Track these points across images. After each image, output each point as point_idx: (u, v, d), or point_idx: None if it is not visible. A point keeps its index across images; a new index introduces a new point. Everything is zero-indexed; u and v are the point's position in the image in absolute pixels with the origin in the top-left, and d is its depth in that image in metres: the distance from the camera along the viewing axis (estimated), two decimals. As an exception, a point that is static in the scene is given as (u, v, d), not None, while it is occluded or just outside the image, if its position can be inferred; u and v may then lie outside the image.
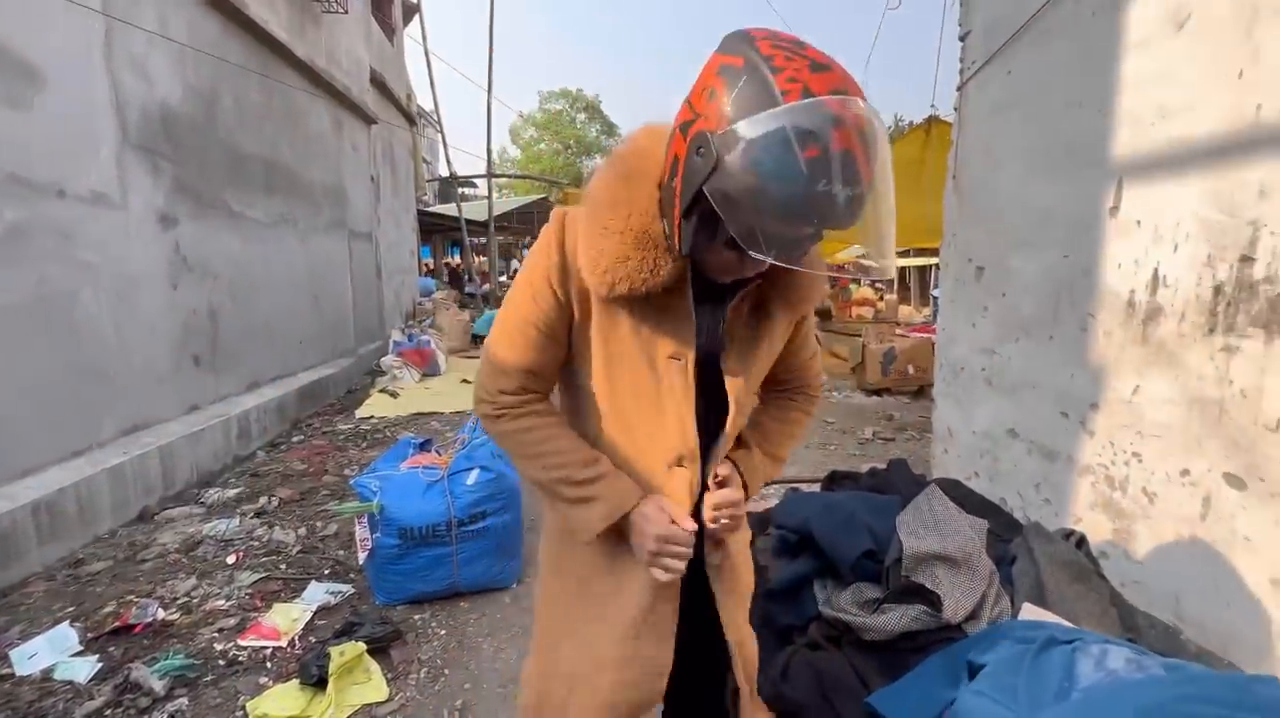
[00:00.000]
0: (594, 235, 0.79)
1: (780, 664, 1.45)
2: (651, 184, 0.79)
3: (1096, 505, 1.76)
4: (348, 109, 6.90)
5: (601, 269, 0.78)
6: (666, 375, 0.83)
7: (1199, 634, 1.47)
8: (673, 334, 0.83)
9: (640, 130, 0.84)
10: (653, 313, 0.82)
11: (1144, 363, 1.61)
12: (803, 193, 0.62)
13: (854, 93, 0.66)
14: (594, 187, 0.83)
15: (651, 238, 0.77)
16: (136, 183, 3.53)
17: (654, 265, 0.77)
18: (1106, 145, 1.70)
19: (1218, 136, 1.41)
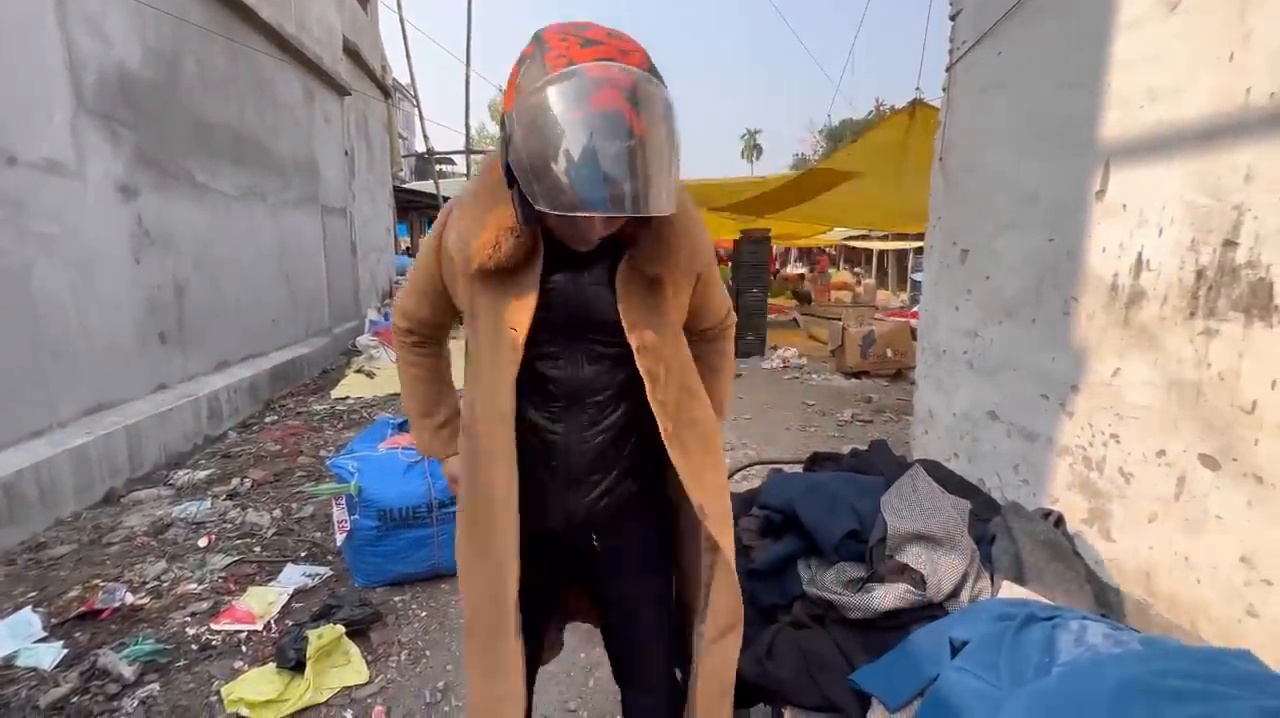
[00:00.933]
0: (456, 219, 0.96)
1: (765, 643, 1.46)
2: (498, 176, 0.89)
3: (1074, 486, 1.80)
4: (319, 79, 6.64)
5: (459, 247, 0.93)
6: (505, 343, 0.95)
7: (1169, 609, 1.51)
8: (516, 308, 0.94)
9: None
10: (505, 288, 0.94)
11: (1125, 346, 1.63)
12: (574, 148, 0.71)
13: (630, 61, 0.76)
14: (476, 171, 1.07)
15: (496, 219, 0.90)
16: (94, 150, 3.35)
17: (496, 243, 0.89)
18: (1095, 127, 1.70)
19: (1206, 119, 1.42)
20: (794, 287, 14.41)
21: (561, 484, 1.03)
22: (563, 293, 0.96)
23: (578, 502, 1.03)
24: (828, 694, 1.33)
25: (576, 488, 1.03)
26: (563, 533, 1.08)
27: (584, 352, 0.99)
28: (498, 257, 0.90)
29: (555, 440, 1.01)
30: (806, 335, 9.46)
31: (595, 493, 1.04)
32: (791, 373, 6.70)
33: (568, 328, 0.97)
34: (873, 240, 17.87)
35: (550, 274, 0.95)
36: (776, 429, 4.54)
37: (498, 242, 0.89)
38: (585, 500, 1.04)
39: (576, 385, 0.99)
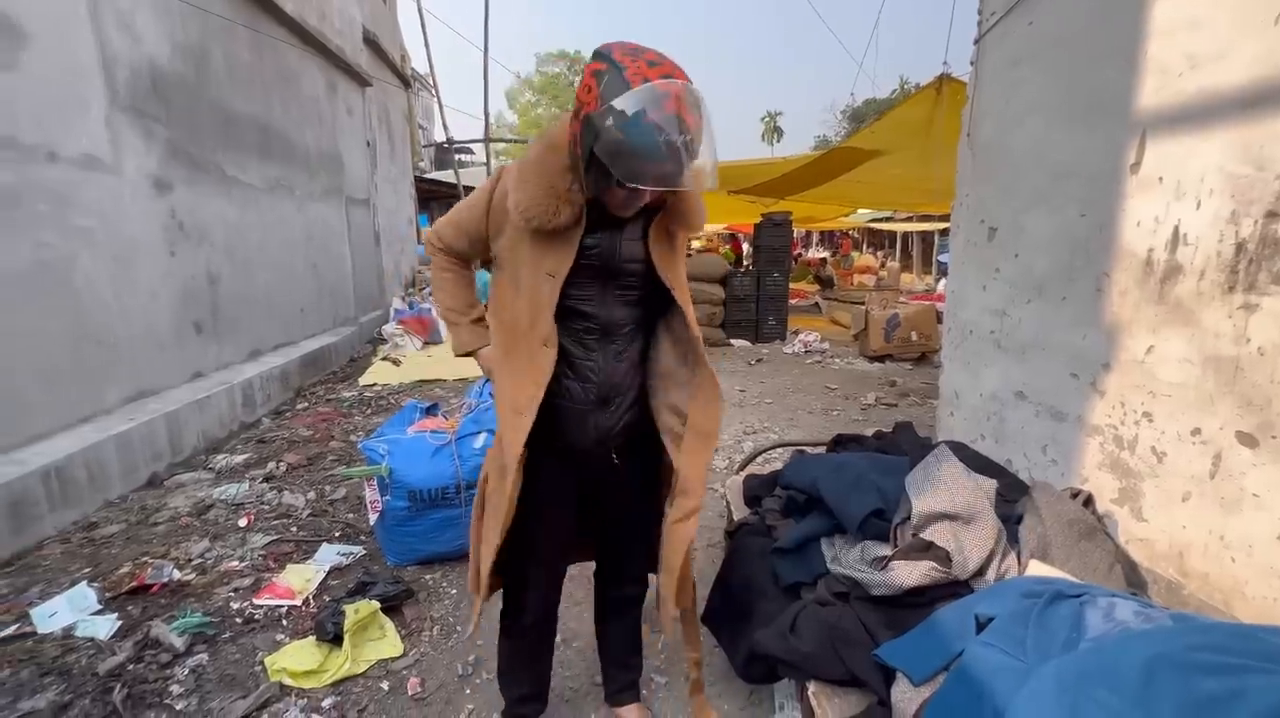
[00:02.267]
0: (519, 185, 1.16)
1: (789, 619, 1.47)
2: (563, 154, 1.15)
3: (1104, 465, 1.77)
4: (341, 71, 6.72)
5: (521, 209, 1.15)
6: (545, 284, 1.20)
7: (1202, 589, 1.49)
8: (556, 259, 1.18)
9: (567, 114, 1.17)
10: (549, 244, 1.19)
11: (1159, 322, 1.59)
12: (651, 141, 0.98)
13: (678, 76, 1.02)
14: (530, 149, 1.21)
15: (556, 192, 1.14)
16: (128, 145, 3.45)
17: (555, 211, 1.14)
18: (1131, 98, 1.64)
19: (1249, 86, 1.36)
20: (815, 271, 14.22)
21: (595, 404, 1.29)
22: (601, 249, 1.21)
23: (606, 418, 1.30)
24: (851, 668, 1.34)
25: (605, 407, 1.29)
26: (592, 449, 1.32)
27: (613, 294, 1.25)
28: (556, 221, 1.14)
29: (591, 367, 1.27)
30: (829, 320, 9.36)
31: (620, 410, 1.31)
32: (813, 357, 6.65)
33: (603, 274, 1.23)
34: (897, 222, 17.51)
35: (590, 234, 1.20)
36: (798, 413, 4.52)
37: (558, 209, 1.13)
38: (612, 416, 1.30)
39: (607, 321, 1.26)
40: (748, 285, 7.58)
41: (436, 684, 1.80)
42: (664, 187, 1.03)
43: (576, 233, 1.18)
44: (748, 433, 4.03)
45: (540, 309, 1.21)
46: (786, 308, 7.87)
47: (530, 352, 1.23)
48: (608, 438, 1.32)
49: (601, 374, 1.27)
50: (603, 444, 1.32)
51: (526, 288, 1.21)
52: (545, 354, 1.23)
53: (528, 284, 1.21)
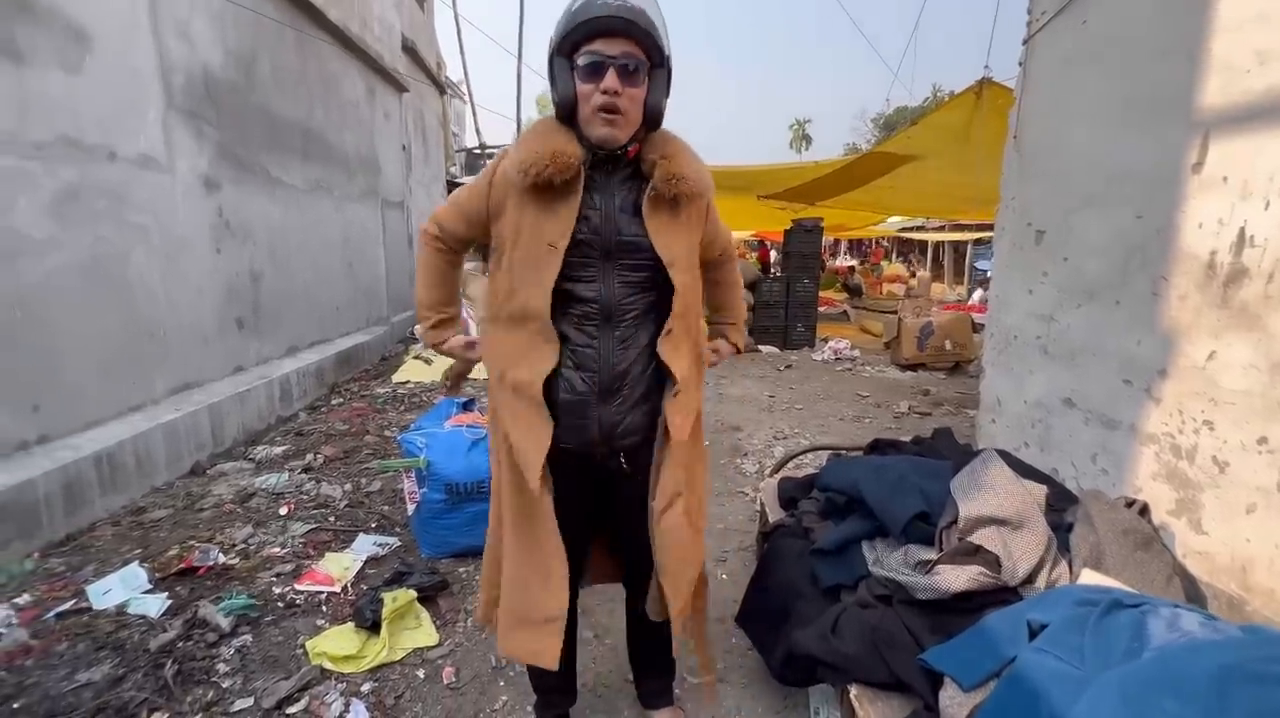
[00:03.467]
0: (519, 146, 1.16)
1: (830, 620, 1.45)
2: (553, 123, 1.19)
3: (1159, 476, 1.71)
4: (380, 76, 6.88)
5: (521, 162, 1.13)
6: (546, 257, 1.15)
7: (1267, 605, 1.43)
8: (557, 228, 1.15)
9: None
10: (549, 209, 1.15)
11: (1222, 327, 1.54)
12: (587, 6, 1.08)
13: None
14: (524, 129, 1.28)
15: (550, 145, 1.13)
16: (182, 146, 3.59)
17: (554, 159, 1.12)
18: (1193, 96, 1.60)
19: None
20: (843, 279, 14.07)
21: (598, 396, 1.21)
22: (598, 217, 1.17)
23: (610, 413, 1.22)
24: (896, 671, 1.31)
25: (609, 400, 1.22)
26: (597, 449, 1.25)
27: (615, 274, 1.19)
28: (553, 169, 1.11)
29: (592, 354, 1.20)
30: (858, 328, 9.24)
31: (626, 405, 1.23)
32: (843, 364, 6.56)
33: (602, 250, 1.18)
34: (928, 231, 17.23)
35: (588, 198, 1.17)
36: (829, 420, 4.47)
37: (554, 159, 1.12)
38: (617, 411, 1.22)
39: (609, 304, 1.19)
40: (777, 292, 7.53)
41: (471, 675, 1.82)
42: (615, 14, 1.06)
43: (575, 195, 1.15)
44: (778, 438, 3.99)
45: (536, 277, 1.16)
46: (816, 315, 7.79)
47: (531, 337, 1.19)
48: (613, 436, 1.23)
49: (604, 362, 1.20)
50: (608, 443, 1.24)
51: (526, 261, 1.17)
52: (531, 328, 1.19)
53: (528, 257, 1.17)
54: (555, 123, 1.19)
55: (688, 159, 1.21)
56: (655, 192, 1.18)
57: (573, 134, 1.17)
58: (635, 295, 1.21)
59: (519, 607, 1.30)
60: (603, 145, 1.15)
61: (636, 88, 1.13)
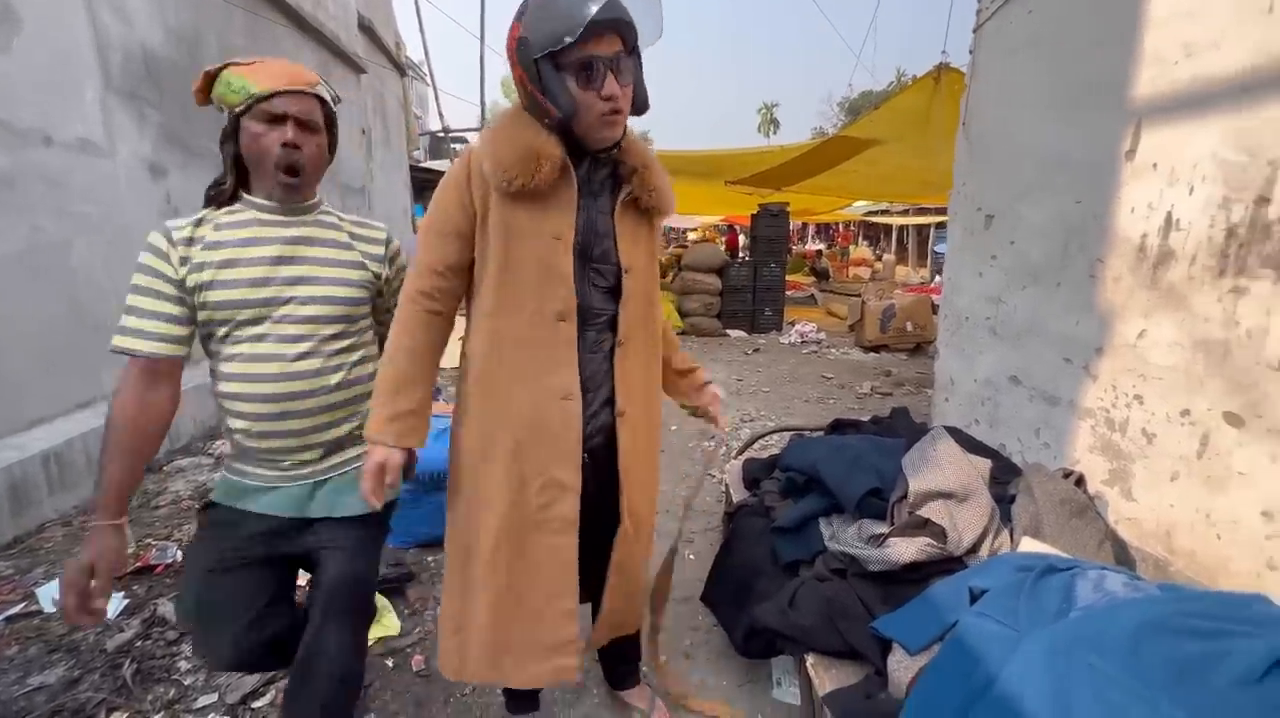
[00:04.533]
0: (492, 150, 1.09)
1: (788, 594, 1.51)
2: (525, 117, 1.12)
3: (1095, 448, 1.81)
4: (336, 57, 6.65)
5: (503, 169, 1.07)
6: (552, 250, 1.12)
7: (1188, 566, 1.53)
8: (557, 220, 1.12)
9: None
10: (543, 205, 1.11)
11: (1151, 307, 1.63)
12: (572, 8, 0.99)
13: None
14: (494, 120, 1.16)
15: (532, 146, 1.08)
16: (123, 130, 3.43)
17: (537, 166, 1.07)
18: (1127, 86, 1.67)
19: (1244, 74, 1.39)
20: (811, 263, 14.26)
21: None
22: (583, 217, 1.15)
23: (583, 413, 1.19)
24: (849, 640, 1.38)
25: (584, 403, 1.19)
26: None
27: (590, 278, 1.17)
28: (540, 176, 1.07)
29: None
30: (825, 311, 9.40)
31: (592, 407, 1.21)
32: (809, 347, 6.69)
33: (581, 254, 1.15)
34: (892, 216, 17.55)
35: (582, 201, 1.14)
36: (794, 402, 4.56)
37: (539, 164, 1.07)
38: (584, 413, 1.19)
39: (584, 306, 1.17)
40: (744, 276, 7.60)
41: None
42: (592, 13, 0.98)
43: (569, 193, 1.12)
44: (745, 420, 4.06)
45: (552, 273, 1.11)
46: (783, 299, 7.90)
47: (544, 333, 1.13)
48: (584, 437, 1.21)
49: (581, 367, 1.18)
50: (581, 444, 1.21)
51: (528, 257, 1.11)
52: (564, 331, 1.13)
53: (530, 253, 1.11)
54: (524, 115, 1.12)
55: (660, 172, 1.21)
56: (631, 196, 1.18)
57: (548, 129, 1.10)
58: (606, 300, 1.20)
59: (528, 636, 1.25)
60: (600, 146, 1.12)
61: (629, 84, 1.09)
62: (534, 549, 1.21)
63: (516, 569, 1.21)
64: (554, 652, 1.28)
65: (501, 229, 1.11)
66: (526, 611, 1.23)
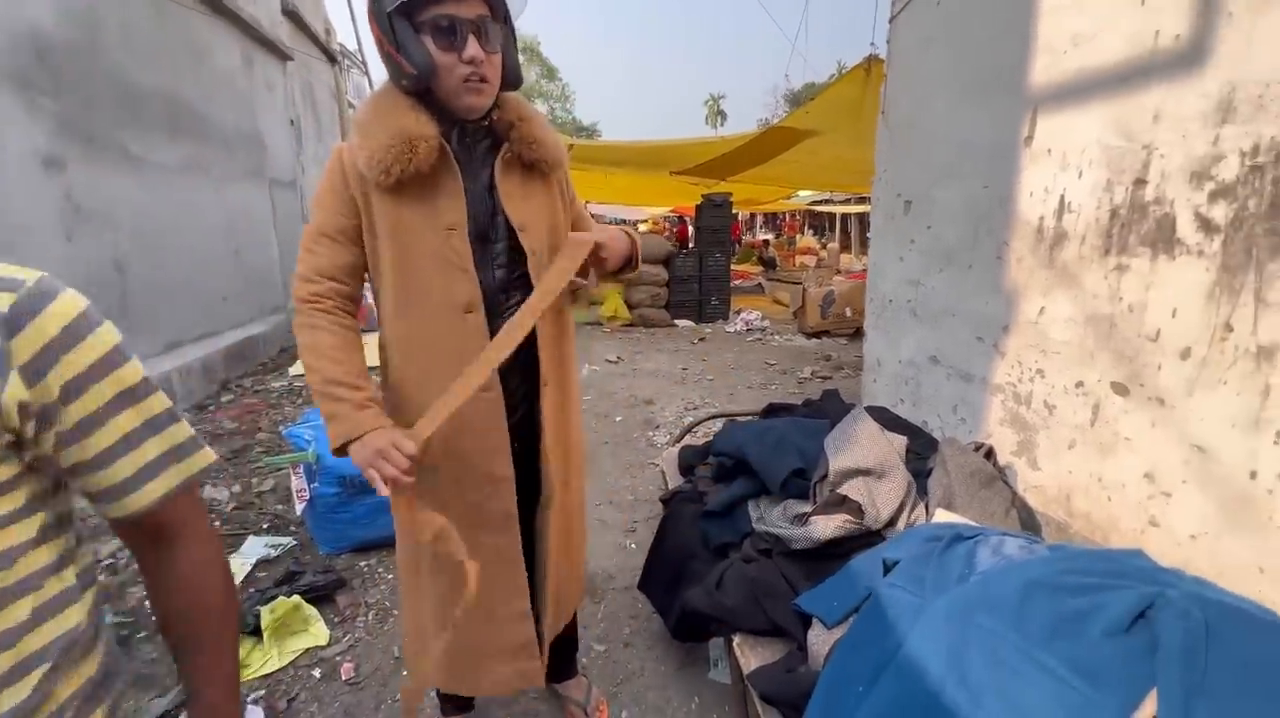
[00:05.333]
0: (363, 142, 1.02)
1: (716, 577, 1.53)
2: (395, 96, 1.05)
3: (1005, 421, 1.91)
4: (259, 44, 6.31)
5: (375, 161, 1.00)
6: (447, 243, 1.06)
7: (1085, 527, 1.64)
8: (447, 210, 1.06)
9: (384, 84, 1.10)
10: (429, 196, 1.05)
11: (1049, 285, 1.72)
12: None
13: None
14: (358, 115, 1.09)
15: (402, 131, 1.01)
16: (11, 119, 3.15)
17: (411, 149, 1.00)
18: (1024, 74, 1.75)
19: (1121, 63, 1.47)
20: (759, 252, 14.50)
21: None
22: (470, 198, 1.09)
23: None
24: (774, 619, 1.41)
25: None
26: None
27: (492, 258, 1.12)
28: (417, 160, 1.01)
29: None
30: (771, 299, 9.58)
31: (513, 392, 1.17)
32: (754, 335, 6.81)
33: (478, 235, 1.10)
34: (835, 205, 18.00)
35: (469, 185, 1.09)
36: (738, 389, 4.63)
37: (414, 147, 1.01)
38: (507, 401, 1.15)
39: (491, 293, 1.11)
40: (690, 266, 7.66)
41: (372, 668, 1.78)
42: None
43: (453, 179, 1.06)
44: (689, 409, 4.10)
45: (452, 267, 1.07)
46: (729, 288, 8.00)
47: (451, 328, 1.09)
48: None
49: None
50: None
51: (426, 253, 1.06)
52: (471, 323, 1.09)
53: (427, 249, 1.06)
54: (395, 95, 1.06)
55: (542, 124, 1.15)
56: (511, 153, 1.12)
57: (419, 106, 1.04)
58: (516, 279, 1.14)
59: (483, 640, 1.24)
60: (468, 115, 1.07)
61: (495, 51, 1.03)
62: (477, 550, 1.15)
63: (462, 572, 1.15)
64: (514, 656, 1.27)
65: (390, 227, 1.05)
66: (478, 615, 1.18)
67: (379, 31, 1.01)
